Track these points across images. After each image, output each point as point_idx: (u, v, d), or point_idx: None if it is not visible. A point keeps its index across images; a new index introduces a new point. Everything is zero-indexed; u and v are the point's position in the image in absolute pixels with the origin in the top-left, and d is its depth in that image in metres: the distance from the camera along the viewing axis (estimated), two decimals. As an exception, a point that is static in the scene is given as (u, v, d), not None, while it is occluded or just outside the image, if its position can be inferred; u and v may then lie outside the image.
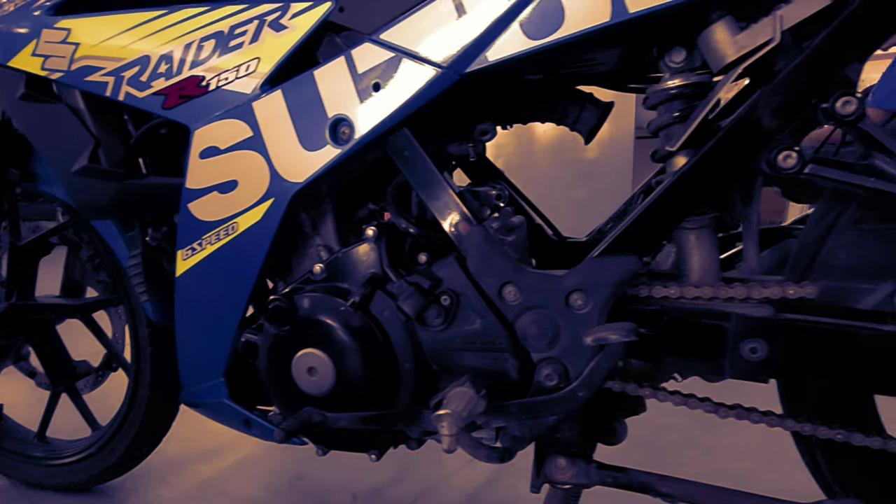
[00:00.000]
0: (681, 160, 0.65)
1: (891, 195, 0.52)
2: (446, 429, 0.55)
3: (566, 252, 0.92)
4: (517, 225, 0.78)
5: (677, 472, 0.68)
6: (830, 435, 0.64)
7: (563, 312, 0.64)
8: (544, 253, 0.93)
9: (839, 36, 0.54)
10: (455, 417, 0.56)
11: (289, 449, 1.28)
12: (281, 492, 1.18)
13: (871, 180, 0.53)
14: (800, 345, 0.61)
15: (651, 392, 0.68)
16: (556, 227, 0.92)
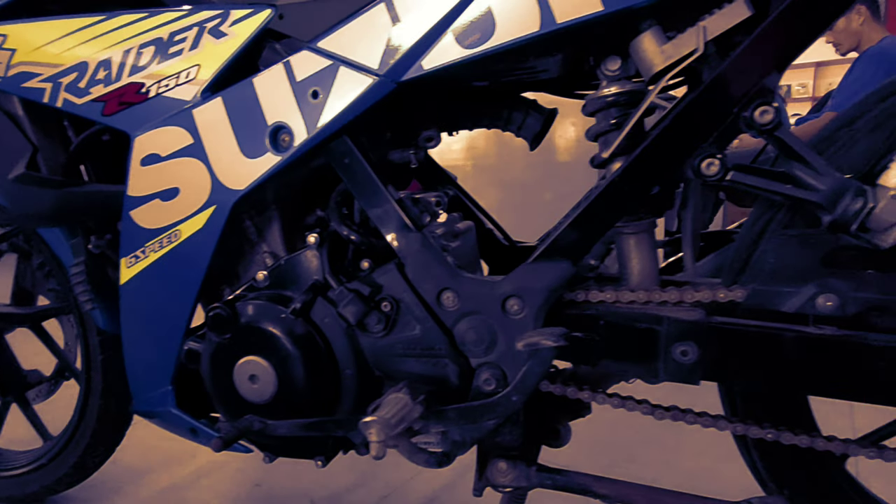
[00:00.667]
0: (616, 167, 0.66)
1: (807, 201, 0.54)
2: (374, 435, 0.56)
3: (517, 256, 0.93)
4: (463, 230, 0.79)
5: (646, 469, 0.69)
6: (761, 434, 0.66)
7: (500, 318, 0.65)
8: (496, 258, 0.94)
9: (757, 47, 0.56)
10: (383, 424, 0.56)
11: (249, 456, 1.27)
12: (240, 499, 1.17)
13: (787, 187, 0.55)
14: (729, 347, 0.62)
15: (590, 395, 0.69)
16: (506, 232, 0.93)
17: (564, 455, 1.35)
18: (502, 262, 0.92)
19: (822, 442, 0.64)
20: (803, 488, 0.73)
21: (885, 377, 0.58)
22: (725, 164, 0.57)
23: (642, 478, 1.23)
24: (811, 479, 0.73)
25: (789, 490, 0.73)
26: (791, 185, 0.55)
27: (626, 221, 0.71)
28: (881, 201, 0.49)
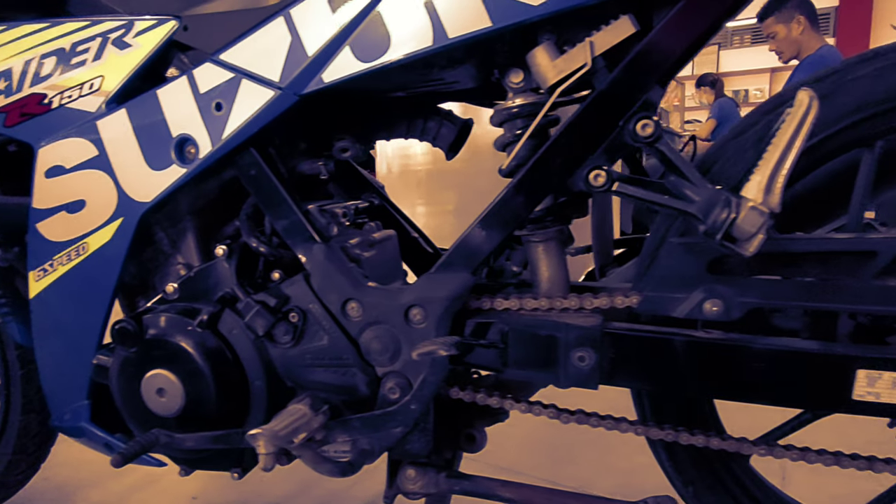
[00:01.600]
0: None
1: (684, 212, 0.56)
2: (262, 447, 0.56)
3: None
4: (380, 240, 0.80)
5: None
6: (661, 435, 0.68)
7: (403, 327, 0.65)
8: (423, 266, 0.95)
9: (638, 63, 0.58)
10: (271, 435, 0.56)
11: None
12: (175, 512, 1.15)
13: (664, 198, 0.57)
14: (623, 352, 0.64)
15: (498, 400, 0.70)
16: (430, 240, 0.94)
17: (508, 456, 1.37)
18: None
19: (717, 441, 0.67)
20: (708, 485, 0.76)
21: (767, 378, 0.61)
22: (612, 175, 0.59)
23: (580, 478, 1.26)
24: (715, 476, 0.76)
25: (694, 487, 0.76)
26: (668, 196, 0.57)
27: (533, 230, 0.72)
28: (742, 212, 0.51)
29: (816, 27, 2.46)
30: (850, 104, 0.64)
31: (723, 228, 0.52)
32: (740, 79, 7.61)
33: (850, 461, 0.65)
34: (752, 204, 0.51)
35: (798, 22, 2.42)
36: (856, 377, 0.58)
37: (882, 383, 0.58)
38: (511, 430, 1.47)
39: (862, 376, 0.58)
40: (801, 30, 2.43)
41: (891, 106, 0.63)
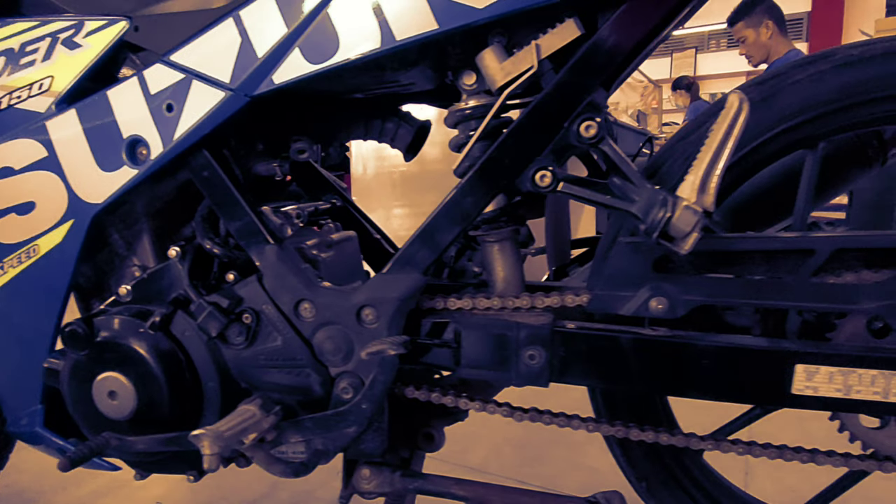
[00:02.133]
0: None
1: (625, 211, 0.57)
2: (206, 448, 0.56)
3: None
4: (338, 241, 0.80)
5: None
6: (611, 432, 0.69)
7: (356, 327, 0.66)
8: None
9: (581, 66, 0.59)
10: (215, 436, 0.56)
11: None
12: (139, 517, 1.14)
13: (607, 198, 0.58)
14: (572, 350, 0.65)
15: (453, 399, 0.71)
16: (392, 241, 0.95)
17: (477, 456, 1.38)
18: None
19: (665, 437, 0.68)
20: (661, 480, 0.77)
21: (710, 374, 0.62)
22: (557, 175, 0.60)
23: (547, 476, 1.27)
24: (668, 471, 0.77)
25: (647, 482, 0.77)
26: (611, 196, 0.58)
27: (488, 230, 0.73)
28: (677, 211, 0.53)
29: (784, 32, 2.51)
30: (790, 107, 0.65)
31: (659, 227, 0.53)
32: (717, 82, 7.74)
33: (793, 454, 0.66)
34: (687, 203, 0.52)
35: (766, 27, 2.47)
36: (794, 372, 0.60)
37: (819, 378, 0.60)
38: (481, 430, 1.48)
39: (800, 371, 0.60)
40: (769, 34, 2.48)
41: (829, 109, 0.65)
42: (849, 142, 0.90)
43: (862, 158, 0.90)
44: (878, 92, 0.63)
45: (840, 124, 0.66)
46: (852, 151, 0.91)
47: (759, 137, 0.67)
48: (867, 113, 0.64)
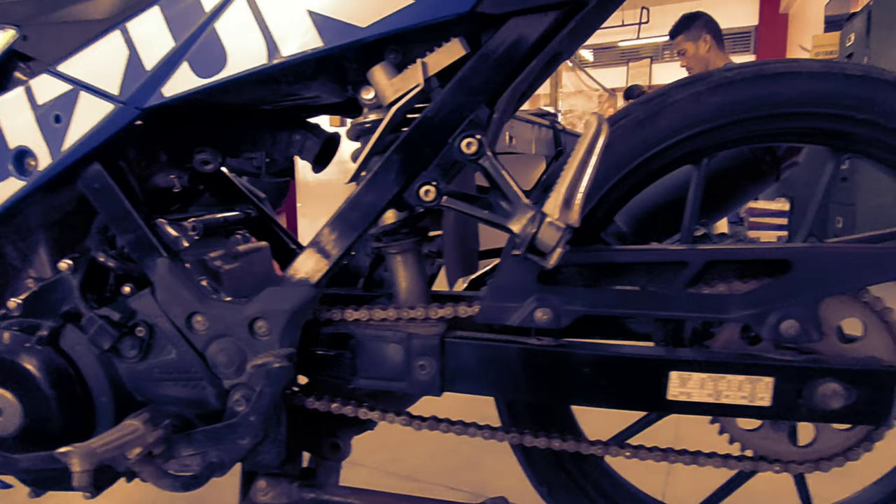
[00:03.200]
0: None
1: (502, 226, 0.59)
2: (76, 465, 0.55)
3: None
4: (244, 252, 0.80)
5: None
6: (507, 439, 0.71)
7: (248, 340, 0.66)
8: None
9: (463, 85, 0.61)
10: (86, 453, 0.56)
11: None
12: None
13: (486, 213, 0.60)
14: (462, 360, 0.67)
15: (353, 409, 0.71)
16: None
17: (408, 463, 1.38)
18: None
19: (557, 442, 0.70)
20: (562, 484, 0.80)
21: (591, 382, 0.65)
22: (441, 190, 0.61)
23: (479, 483, 1.28)
24: (569, 475, 0.80)
25: (548, 486, 0.79)
26: (489, 211, 0.60)
27: (389, 242, 0.74)
28: (542, 227, 0.55)
29: (722, 46, 2.61)
30: (673, 124, 0.69)
31: (526, 242, 0.56)
32: (672, 91, 7.94)
33: (677, 456, 0.69)
34: (550, 220, 0.54)
35: (705, 40, 2.56)
36: (669, 379, 0.63)
37: (692, 383, 0.63)
38: (417, 438, 1.49)
39: (674, 377, 0.63)
40: (707, 48, 2.57)
41: (707, 127, 0.68)
42: (743, 157, 0.95)
43: (756, 173, 0.95)
44: (750, 112, 0.67)
45: (718, 141, 0.69)
46: (747, 166, 0.95)
47: (645, 153, 0.70)
48: (741, 131, 0.68)
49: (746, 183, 0.95)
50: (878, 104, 0.64)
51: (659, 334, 0.74)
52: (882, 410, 0.61)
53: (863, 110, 0.65)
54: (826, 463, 0.67)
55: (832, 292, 0.62)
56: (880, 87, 0.64)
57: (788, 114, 0.67)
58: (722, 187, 0.92)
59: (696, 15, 2.61)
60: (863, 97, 0.64)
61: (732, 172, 0.94)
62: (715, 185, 0.92)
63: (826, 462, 0.67)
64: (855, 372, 0.60)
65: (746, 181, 0.95)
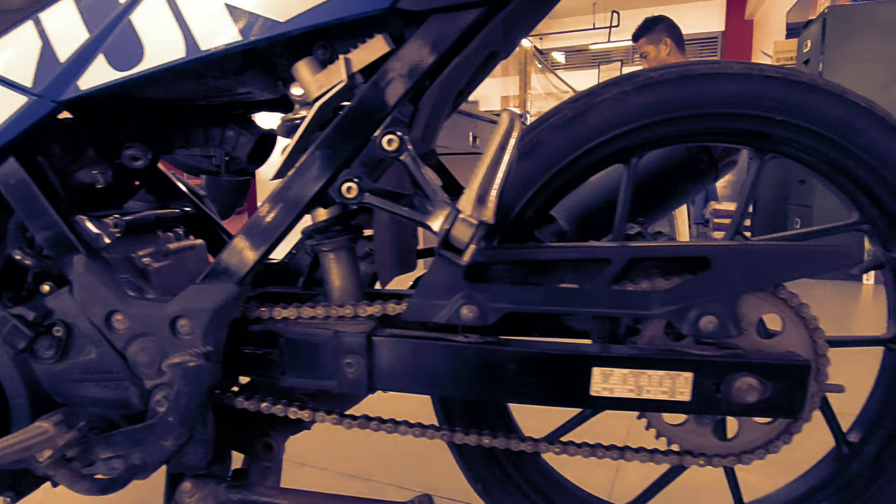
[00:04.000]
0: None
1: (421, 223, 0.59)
2: None
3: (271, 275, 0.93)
4: (175, 250, 0.78)
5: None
6: (437, 436, 0.71)
7: (170, 339, 0.65)
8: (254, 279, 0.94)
9: (384, 81, 0.60)
10: None
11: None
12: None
13: (405, 210, 0.60)
14: (389, 358, 0.66)
15: (283, 408, 0.71)
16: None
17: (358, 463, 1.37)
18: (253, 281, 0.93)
19: (487, 440, 0.70)
20: (497, 481, 0.80)
21: (517, 378, 0.65)
22: (362, 187, 0.61)
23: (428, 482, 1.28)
24: (504, 472, 0.80)
25: (483, 484, 0.79)
26: (409, 208, 0.59)
27: (321, 240, 0.74)
28: (455, 224, 0.55)
29: (682, 50, 2.66)
30: (600, 124, 0.69)
31: (441, 239, 0.56)
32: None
33: (605, 451, 0.70)
34: (463, 216, 0.54)
35: (665, 44, 2.60)
36: (592, 375, 0.64)
37: (615, 379, 0.64)
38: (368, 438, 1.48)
39: (597, 373, 0.64)
40: (668, 51, 2.61)
41: (633, 126, 0.69)
42: (680, 157, 0.97)
43: (694, 173, 0.97)
44: (674, 112, 0.68)
45: (645, 140, 0.70)
46: (684, 166, 0.97)
47: (574, 152, 0.71)
48: (667, 131, 0.69)
49: (684, 182, 0.97)
50: (795, 105, 0.66)
51: (595, 332, 0.75)
52: (796, 404, 0.62)
53: (781, 112, 0.66)
54: (748, 456, 0.69)
55: (749, 289, 0.63)
56: (796, 88, 0.66)
57: (712, 114, 0.68)
58: (660, 186, 0.93)
59: (657, 19, 2.65)
60: (780, 99, 0.66)
61: (670, 172, 0.95)
62: (653, 185, 0.94)
63: (748, 455, 0.69)
64: (769, 366, 0.62)
65: (684, 180, 0.97)
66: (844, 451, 0.75)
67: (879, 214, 0.69)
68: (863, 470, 0.74)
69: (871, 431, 0.74)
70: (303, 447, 1.43)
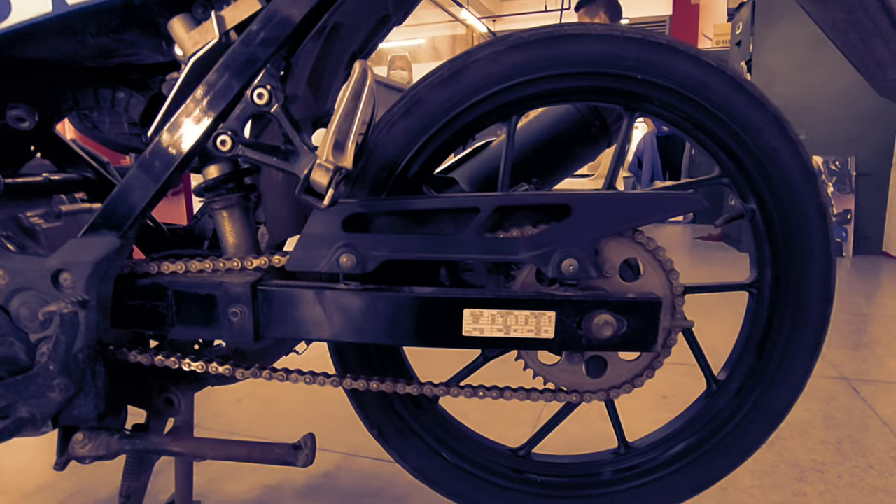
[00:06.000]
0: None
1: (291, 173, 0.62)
2: None
3: (170, 239, 0.95)
4: (69, 212, 0.79)
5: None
6: (328, 382, 0.74)
7: (53, 292, 0.66)
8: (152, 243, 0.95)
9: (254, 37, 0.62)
10: None
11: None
12: None
13: (274, 160, 0.62)
14: (274, 308, 0.69)
15: (175, 361, 0.73)
16: (154, 218, 0.94)
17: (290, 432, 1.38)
18: (159, 247, 0.94)
19: (375, 384, 0.74)
20: (395, 427, 0.84)
21: (396, 322, 0.69)
22: (236, 140, 0.63)
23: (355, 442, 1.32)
24: (400, 418, 0.84)
25: (379, 429, 0.83)
26: (279, 158, 0.62)
27: (212, 197, 0.76)
28: (314, 169, 0.58)
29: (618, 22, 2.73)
30: (476, 81, 0.73)
31: (302, 184, 0.59)
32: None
33: (486, 392, 0.75)
34: (320, 162, 0.57)
35: (600, 18, 2.67)
36: (463, 316, 0.68)
37: (484, 320, 0.68)
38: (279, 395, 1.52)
39: (468, 315, 0.68)
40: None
41: (508, 84, 0.73)
42: (574, 121, 1.02)
43: (587, 137, 1.02)
44: (543, 71, 0.72)
45: (520, 97, 0.74)
46: (577, 131, 1.02)
47: (454, 109, 0.74)
48: (540, 89, 0.73)
49: (577, 146, 1.02)
50: (654, 65, 0.71)
51: (491, 280, 0.80)
52: (649, 338, 0.68)
53: (641, 71, 0.71)
54: (616, 390, 0.75)
55: (606, 233, 0.68)
56: (654, 49, 0.71)
57: (579, 73, 0.72)
58: (553, 149, 0.98)
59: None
60: (641, 59, 0.71)
61: (563, 135, 1.00)
62: (546, 147, 0.99)
63: (616, 390, 0.75)
64: (623, 303, 0.67)
65: (577, 144, 1.02)
66: (713, 389, 0.82)
67: (735, 168, 0.75)
68: (726, 404, 0.81)
69: (735, 369, 0.81)
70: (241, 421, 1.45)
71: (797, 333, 0.76)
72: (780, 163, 0.73)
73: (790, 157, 0.73)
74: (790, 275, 0.75)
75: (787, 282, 0.76)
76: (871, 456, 1.22)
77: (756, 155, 0.73)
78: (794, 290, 0.75)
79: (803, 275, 0.75)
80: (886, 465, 1.18)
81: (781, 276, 0.76)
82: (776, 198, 0.74)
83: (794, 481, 1.13)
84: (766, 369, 0.78)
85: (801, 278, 0.75)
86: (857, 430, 1.34)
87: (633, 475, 0.83)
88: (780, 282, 0.76)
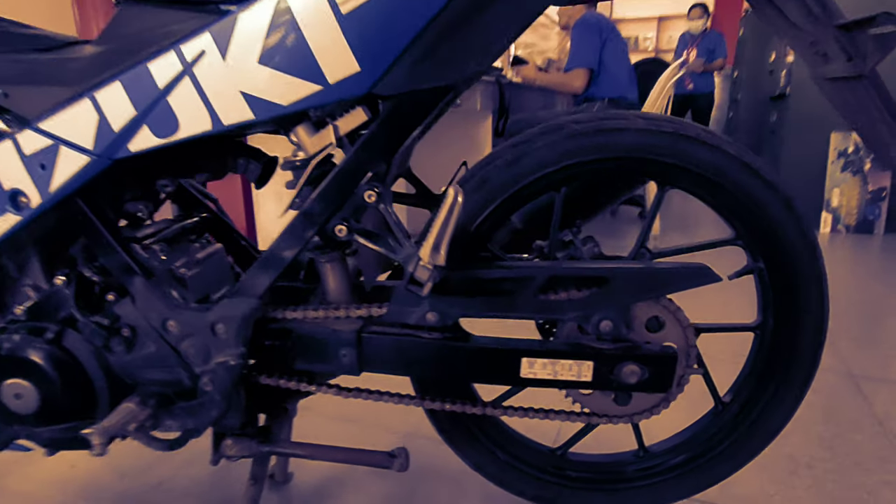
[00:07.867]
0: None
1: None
2: (96, 440, 0.77)
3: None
4: (202, 258, 0.99)
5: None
6: (412, 403, 0.95)
7: (211, 338, 0.87)
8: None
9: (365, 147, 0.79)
10: (101, 431, 0.78)
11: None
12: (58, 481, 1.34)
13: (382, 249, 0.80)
14: (372, 350, 0.89)
15: (296, 384, 0.94)
16: (255, 246, 1.14)
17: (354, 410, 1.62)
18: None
19: (448, 406, 0.95)
20: (460, 433, 1.05)
21: (468, 365, 0.88)
22: (352, 228, 0.81)
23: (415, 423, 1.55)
24: (467, 429, 1.05)
25: (447, 434, 1.05)
26: (386, 248, 0.80)
27: (319, 255, 0.95)
28: (417, 268, 0.76)
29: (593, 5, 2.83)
30: (534, 165, 0.89)
31: (407, 277, 0.77)
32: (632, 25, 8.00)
33: (535, 413, 0.95)
34: (423, 263, 0.75)
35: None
36: (521, 363, 0.87)
37: (538, 366, 0.87)
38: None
39: (525, 362, 0.87)
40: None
41: (562, 165, 0.88)
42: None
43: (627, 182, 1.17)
44: (592, 155, 0.87)
45: (572, 175, 0.89)
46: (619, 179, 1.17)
47: (514, 186, 0.90)
48: (589, 169, 0.89)
49: (620, 187, 1.17)
50: (683, 153, 0.85)
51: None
52: (666, 383, 0.87)
53: (673, 157, 0.86)
54: (638, 416, 0.94)
55: (638, 300, 0.86)
56: (681, 140, 0.85)
57: (621, 157, 0.87)
58: (594, 196, 1.13)
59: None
60: (673, 147, 0.85)
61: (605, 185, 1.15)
62: (589, 194, 1.14)
63: (638, 416, 0.94)
64: (647, 356, 0.85)
65: (617, 189, 1.17)
66: (719, 409, 1.01)
67: (747, 234, 0.90)
68: (727, 422, 1.00)
69: (737, 395, 0.99)
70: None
71: (790, 371, 0.93)
72: (785, 234, 0.88)
73: (794, 231, 0.88)
74: (788, 324, 0.92)
75: (785, 329, 0.92)
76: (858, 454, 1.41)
77: (764, 226, 0.88)
78: (790, 336, 0.92)
79: (799, 326, 0.91)
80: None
81: (781, 323, 0.92)
82: (780, 262, 0.89)
83: (787, 475, 1.33)
84: (762, 396, 0.96)
85: (796, 328, 0.91)
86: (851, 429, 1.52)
87: (651, 474, 1.03)
88: (779, 328, 0.93)
